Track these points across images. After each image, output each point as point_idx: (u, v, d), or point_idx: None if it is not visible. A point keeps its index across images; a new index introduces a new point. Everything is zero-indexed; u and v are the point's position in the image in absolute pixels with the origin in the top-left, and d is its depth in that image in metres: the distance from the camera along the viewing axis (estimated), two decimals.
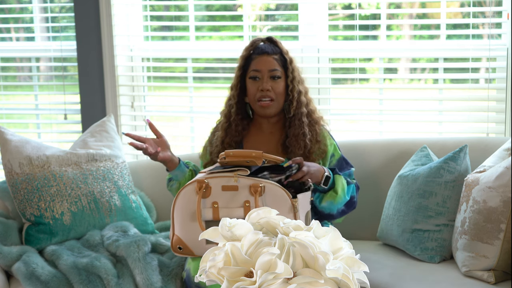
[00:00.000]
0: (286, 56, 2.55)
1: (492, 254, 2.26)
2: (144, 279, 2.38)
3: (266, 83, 2.51)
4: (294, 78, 2.54)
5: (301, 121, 2.54)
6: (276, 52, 2.55)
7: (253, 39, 2.62)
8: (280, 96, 2.54)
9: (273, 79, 2.52)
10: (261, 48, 2.56)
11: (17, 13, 3.87)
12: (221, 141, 2.59)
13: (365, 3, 3.27)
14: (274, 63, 2.53)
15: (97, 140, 2.89)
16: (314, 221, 1.48)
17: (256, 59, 2.54)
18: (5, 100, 3.90)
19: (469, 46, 3.11)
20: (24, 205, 2.64)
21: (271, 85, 2.52)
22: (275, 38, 2.60)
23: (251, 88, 2.54)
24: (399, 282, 2.34)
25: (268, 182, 2.27)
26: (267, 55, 2.53)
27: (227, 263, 1.41)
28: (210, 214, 2.30)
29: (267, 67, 2.52)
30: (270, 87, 2.51)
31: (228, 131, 2.59)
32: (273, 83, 2.52)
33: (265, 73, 2.52)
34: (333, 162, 2.57)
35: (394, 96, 3.37)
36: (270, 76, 2.52)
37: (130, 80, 3.57)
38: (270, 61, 2.53)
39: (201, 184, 2.28)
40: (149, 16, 3.58)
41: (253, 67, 2.54)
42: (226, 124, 2.61)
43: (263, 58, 2.53)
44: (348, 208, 2.53)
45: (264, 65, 2.52)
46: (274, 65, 2.53)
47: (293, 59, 2.58)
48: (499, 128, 3.09)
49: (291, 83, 2.54)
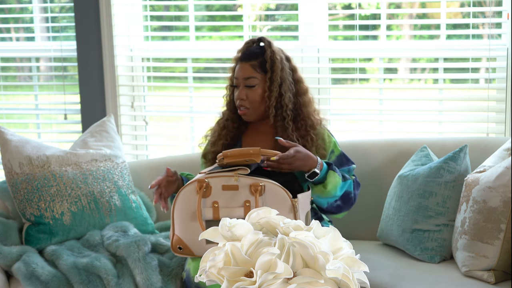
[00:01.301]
0: (266, 58, 2.50)
1: (492, 254, 2.26)
2: (144, 279, 2.38)
3: (241, 92, 2.50)
4: (272, 82, 2.49)
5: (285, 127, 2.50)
6: (257, 57, 2.51)
7: (248, 40, 2.61)
8: (256, 104, 2.51)
9: (248, 87, 2.50)
10: (246, 52, 2.54)
11: (17, 13, 3.87)
12: (211, 144, 2.60)
13: (365, 3, 3.27)
14: (250, 70, 2.50)
15: (97, 140, 2.89)
16: (314, 221, 1.48)
17: (237, 65, 2.54)
18: (5, 100, 3.90)
19: (469, 46, 3.11)
20: (24, 205, 2.64)
21: (246, 94, 2.50)
22: (266, 40, 2.55)
23: (234, 95, 2.55)
24: (399, 282, 2.34)
25: (269, 181, 2.27)
26: (245, 62, 2.51)
27: (227, 263, 1.41)
28: (210, 214, 2.30)
29: (243, 75, 2.50)
30: (245, 96, 2.50)
31: (222, 135, 2.60)
32: (248, 91, 2.50)
33: (241, 81, 2.51)
34: (332, 158, 2.55)
35: (394, 96, 3.37)
36: (245, 84, 2.50)
37: (130, 80, 3.57)
38: (246, 69, 2.50)
39: (202, 183, 2.28)
40: (149, 16, 3.58)
41: (234, 73, 2.54)
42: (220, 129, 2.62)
43: (242, 65, 2.51)
44: (345, 204, 2.49)
45: (240, 72, 2.51)
46: (250, 72, 2.50)
47: (277, 60, 2.50)
48: (499, 128, 3.09)
49: (268, 89, 2.50)
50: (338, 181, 2.43)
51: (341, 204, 2.49)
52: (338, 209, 2.50)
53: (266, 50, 2.52)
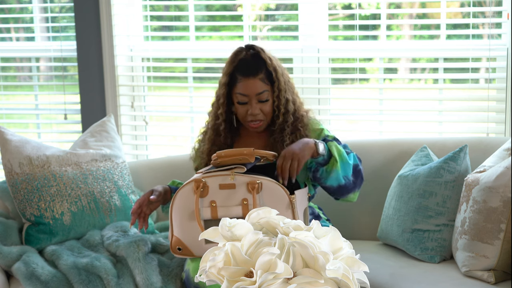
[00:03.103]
0: (270, 69, 2.48)
1: (492, 254, 2.26)
2: (144, 279, 2.38)
3: (255, 108, 2.47)
4: (280, 91, 2.49)
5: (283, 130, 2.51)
6: (261, 69, 2.47)
7: (235, 50, 2.51)
8: (269, 115, 2.51)
9: (261, 102, 2.48)
10: (245, 66, 2.48)
11: (17, 13, 3.87)
12: (207, 151, 2.57)
13: (365, 3, 3.27)
14: (260, 85, 2.46)
15: (97, 140, 2.89)
16: (314, 221, 1.48)
17: (242, 81, 2.46)
18: (5, 100, 3.90)
19: (469, 46, 3.11)
20: (24, 205, 2.64)
21: (260, 108, 2.48)
22: (258, 47, 2.51)
23: (240, 109, 2.50)
24: (399, 282, 2.34)
25: (265, 178, 2.26)
26: (253, 78, 2.46)
27: (227, 263, 1.41)
28: (208, 213, 2.30)
29: (254, 91, 2.46)
30: (259, 111, 2.48)
31: (216, 142, 2.57)
32: (261, 105, 2.48)
33: (253, 97, 2.47)
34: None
35: (394, 96, 3.37)
36: (258, 100, 2.48)
37: (130, 80, 3.57)
38: (256, 84, 2.46)
39: (199, 183, 2.28)
40: (149, 16, 3.58)
41: (240, 90, 2.47)
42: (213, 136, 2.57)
43: (249, 81, 2.46)
44: (356, 178, 2.45)
45: (250, 89, 2.46)
46: (261, 87, 2.46)
47: (278, 67, 2.50)
48: (499, 128, 3.09)
49: (277, 99, 2.49)
50: (340, 148, 2.42)
51: (354, 178, 2.45)
52: (353, 186, 2.45)
53: (265, 59, 2.49)
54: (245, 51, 2.52)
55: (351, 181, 2.45)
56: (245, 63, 2.49)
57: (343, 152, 2.42)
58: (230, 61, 2.51)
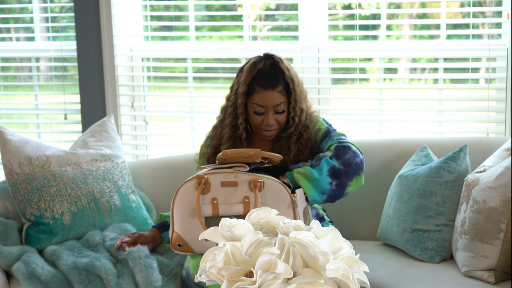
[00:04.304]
0: (288, 80, 2.48)
1: (492, 254, 2.26)
2: (144, 279, 2.38)
3: (271, 119, 2.47)
4: (296, 102, 2.49)
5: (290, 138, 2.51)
6: (280, 81, 2.46)
7: (254, 60, 2.50)
8: (283, 124, 2.51)
9: (277, 113, 2.48)
10: (264, 77, 2.46)
11: (17, 13, 3.87)
12: None
13: (365, 3, 3.27)
14: (278, 97, 2.46)
15: (97, 140, 2.90)
16: (314, 221, 1.48)
17: (260, 92, 2.45)
18: (5, 100, 3.90)
19: (469, 46, 3.11)
20: (24, 205, 2.64)
21: (275, 119, 2.48)
22: (277, 58, 2.50)
23: (255, 119, 2.49)
24: (399, 282, 2.34)
25: (267, 177, 2.27)
26: (272, 90, 2.45)
27: (227, 263, 1.41)
28: (209, 210, 2.30)
29: (272, 103, 2.46)
30: (275, 122, 2.48)
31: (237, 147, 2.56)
32: (277, 116, 2.48)
33: (270, 108, 2.46)
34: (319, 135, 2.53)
35: (394, 96, 3.37)
36: (275, 111, 2.47)
37: (130, 80, 3.57)
38: (275, 97, 2.46)
39: (201, 180, 2.28)
40: (149, 16, 3.58)
41: (257, 100, 2.46)
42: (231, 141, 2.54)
43: (268, 93, 2.45)
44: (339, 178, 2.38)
45: (269, 101, 2.45)
46: (279, 99, 2.46)
47: (294, 77, 2.50)
48: (499, 128, 3.09)
49: (293, 110, 2.49)
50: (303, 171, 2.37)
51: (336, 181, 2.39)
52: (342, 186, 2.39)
53: (284, 70, 2.48)
54: (264, 61, 2.50)
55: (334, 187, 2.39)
56: (264, 74, 2.47)
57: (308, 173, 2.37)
58: (248, 70, 2.48)
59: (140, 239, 2.55)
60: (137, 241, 2.54)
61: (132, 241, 2.53)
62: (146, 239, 2.56)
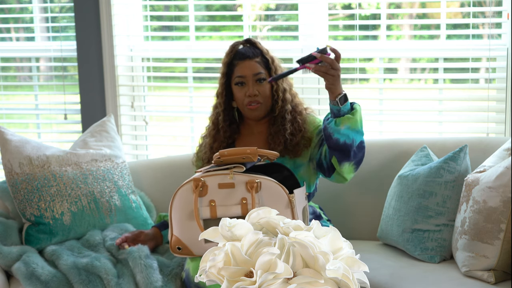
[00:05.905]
0: (267, 57, 2.57)
1: (492, 254, 2.26)
2: (144, 279, 2.38)
3: (252, 89, 2.54)
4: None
5: (284, 118, 2.57)
6: (257, 54, 2.57)
7: (232, 43, 2.62)
8: (267, 98, 2.57)
9: (259, 82, 2.55)
10: (241, 52, 2.57)
11: (17, 13, 3.87)
12: (209, 147, 2.63)
13: (365, 3, 3.27)
14: (257, 66, 2.55)
15: (97, 140, 2.90)
16: (314, 221, 1.48)
17: (239, 65, 2.56)
18: (5, 100, 3.90)
19: (469, 46, 3.11)
20: (24, 205, 2.64)
21: (257, 89, 2.54)
22: (254, 39, 2.62)
23: (238, 94, 2.57)
24: (399, 282, 2.34)
25: (264, 178, 2.27)
26: (249, 60, 2.55)
27: (227, 263, 1.41)
28: (207, 213, 2.30)
29: (251, 72, 2.54)
30: (257, 92, 2.54)
31: (217, 137, 2.63)
32: (258, 86, 2.55)
33: (250, 78, 2.54)
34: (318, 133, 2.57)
35: (394, 96, 3.37)
36: (256, 79, 2.55)
37: (130, 80, 3.57)
38: (253, 65, 2.55)
39: (197, 182, 2.28)
40: (149, 16, 3.58)
41: (237, 73, 2.56)
42: (214, 131, 2.64)
43: (245, 63, 2.55)
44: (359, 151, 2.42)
45: (248, 70, 2.54)
46: (258, 68, 2.55)
47: (274, 58, 2.60)
48: (499, 128, 3.09)
49: (276, 83, 2.57)
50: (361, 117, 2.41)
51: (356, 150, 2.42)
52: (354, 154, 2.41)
53: (262, 49, 2.59)
54: (242, 44, 2.63)
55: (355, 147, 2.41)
56: (241, 50, 2.59)
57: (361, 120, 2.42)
58: (226, 53, 2.61)
59: (140, 236, 2.58)
60: (138, 238, 2.57)
61: (132, 237, 2.55)
62: (146, 236, 2.58)
